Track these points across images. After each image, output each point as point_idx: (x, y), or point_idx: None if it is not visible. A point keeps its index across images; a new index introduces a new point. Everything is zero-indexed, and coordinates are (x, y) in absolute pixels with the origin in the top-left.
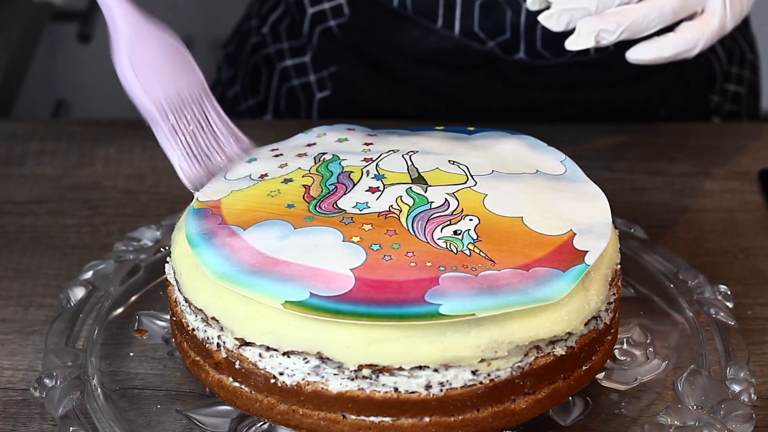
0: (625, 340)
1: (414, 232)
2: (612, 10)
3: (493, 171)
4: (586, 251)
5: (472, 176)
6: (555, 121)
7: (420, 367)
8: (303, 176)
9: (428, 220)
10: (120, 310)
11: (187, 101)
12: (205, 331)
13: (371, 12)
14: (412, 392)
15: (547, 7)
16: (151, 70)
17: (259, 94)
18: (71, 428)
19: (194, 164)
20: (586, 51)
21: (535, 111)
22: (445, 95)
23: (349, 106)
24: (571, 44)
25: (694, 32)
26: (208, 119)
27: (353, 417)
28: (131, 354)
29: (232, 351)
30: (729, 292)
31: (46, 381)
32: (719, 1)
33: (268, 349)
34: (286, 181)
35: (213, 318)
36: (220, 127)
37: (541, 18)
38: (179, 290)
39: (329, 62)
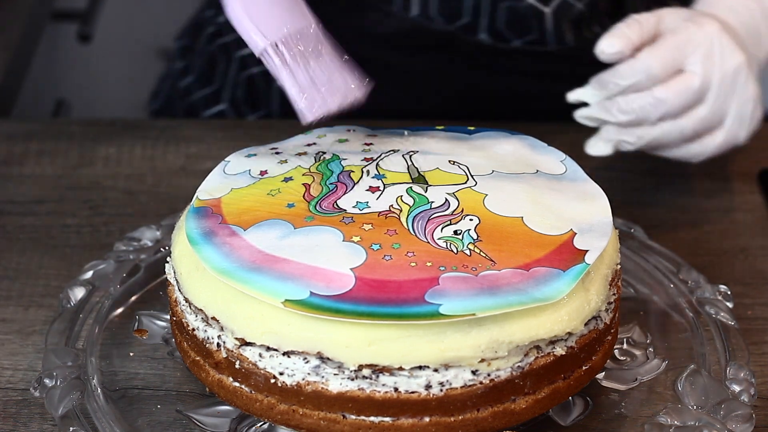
0: (625, 340)
1: (414, 232)
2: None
3: (493, 171)
4: (587, 250)
5: (472, 176)
6: (548, 117)
7: (420, 367)
8: (303, 174)
9: (428, 219)
10: (120, 310)
11: (297, 39)
12: (205, 331)
13: None
14: (412, 392)
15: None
16: (264, 10)
17: (213, 83)
18: (71, 428)
19: (309, 95)
20: (543, 41)
21: (518, 100)
22: (408, 79)
23: None
24: (591, 148)
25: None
26: (320, 55)
27: (353, 417)
28: (131, 354)
29: (232, 351)
30: (729, 292)
31: (46, 381)
32: (733, 119)
33: (268, 348)
34: (287, 179)
35: (213, 318)
36: (333, 62)
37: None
38: (179, 290)
39: None
